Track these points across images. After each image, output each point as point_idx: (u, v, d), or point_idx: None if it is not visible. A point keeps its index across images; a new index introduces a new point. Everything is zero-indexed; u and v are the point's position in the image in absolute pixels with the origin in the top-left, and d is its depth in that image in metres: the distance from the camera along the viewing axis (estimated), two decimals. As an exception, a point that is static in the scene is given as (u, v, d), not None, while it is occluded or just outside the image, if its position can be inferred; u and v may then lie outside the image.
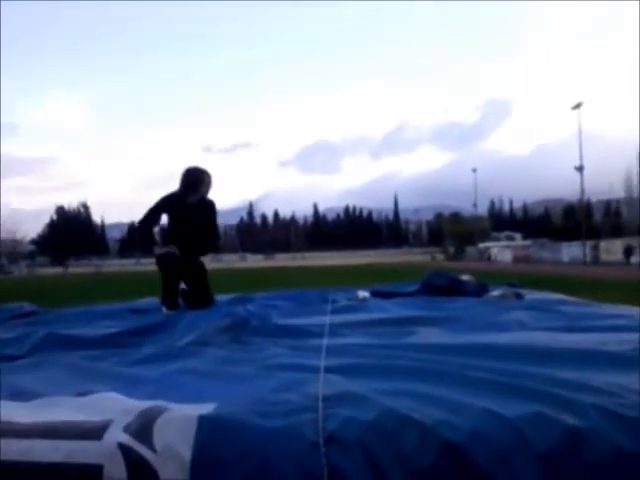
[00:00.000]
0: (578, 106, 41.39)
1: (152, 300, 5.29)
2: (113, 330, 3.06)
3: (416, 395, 1.60)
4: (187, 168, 5.22)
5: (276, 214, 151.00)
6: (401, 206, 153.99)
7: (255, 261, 74.16)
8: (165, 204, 5.16)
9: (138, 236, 5.26)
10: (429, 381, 1.78)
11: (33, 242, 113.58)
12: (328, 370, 1.92)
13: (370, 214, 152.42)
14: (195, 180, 5.15)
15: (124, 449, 1.29)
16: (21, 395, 1.70)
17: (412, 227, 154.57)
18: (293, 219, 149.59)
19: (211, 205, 5.32)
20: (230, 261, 76.97)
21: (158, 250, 4.97)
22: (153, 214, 5.13)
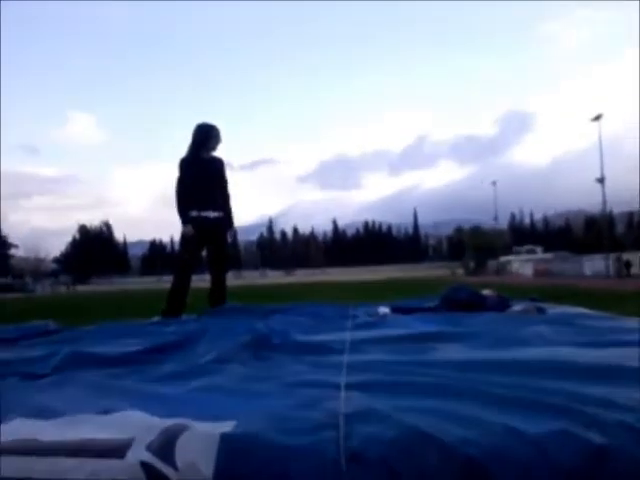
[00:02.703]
0: (598, 117, 41.11)
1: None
2: (135, 348, 3.08)
3: (438, 412, 1.59)
4: (197, 124, 5.46)
5: (295, 230, 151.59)
6: (421, 220, 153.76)
7: (275, 277, 74.30)
8: (182, 167, 5.42)
9: (180, 218, 5.47)
10: (451, 398, 1.76)
11: (56, 260, 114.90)
12: (349, 387, 1.92)
13: (390, 229, 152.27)
14: (204, 135, 5.41)
15: (146, 467, 1.30)
16: (45, 413, 1.72)
17: (432, 241, 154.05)
18: (312, 235, 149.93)
19: (220, 161, 5.63)
20: (251, 277, 77.16)
21: (184, 230, 5.34)
22: (180, 188, 5.40)
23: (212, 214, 5.42)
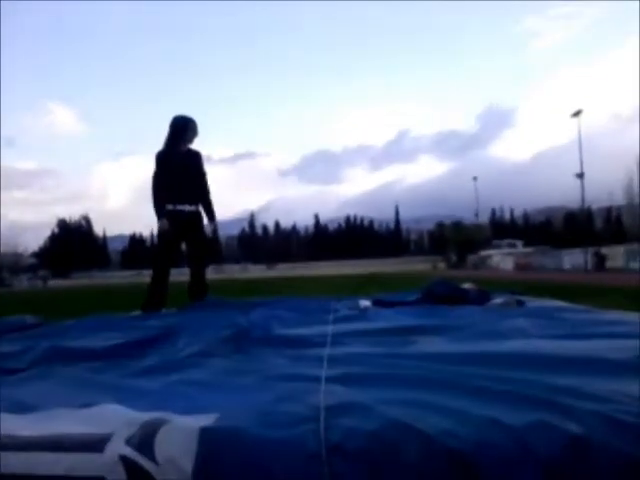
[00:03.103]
0: (578, 113, 41.52)
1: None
2: (114, 342, 3.05)
3: (419, 404, 1.59)
4: (173, 117, 5.39)
5: (277, 224, 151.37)
6: (402, 215, 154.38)
7: (257, 271, 74.17)
8: (158, 161, 5.32)
9: (156, 212, 5.37)
10: (432, 390, 1.77)
11: (34, 255, 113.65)
12: (330, 380, 1.92)
13: (371, 224, 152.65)
14: (180, 127, 5.33)
15: (126, 461, 1.28)
16: (22, 408, 1.70)
17: (413, 236, 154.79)
18: (294, 229, 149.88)
19: (197, 154, 5.53)
20: (232, 271, 76.95)
21: (159, 224, 5.28)
22: (156, 182, 5.32)
23: (187, 208, 5.37)
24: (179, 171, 5.28)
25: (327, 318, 3.93)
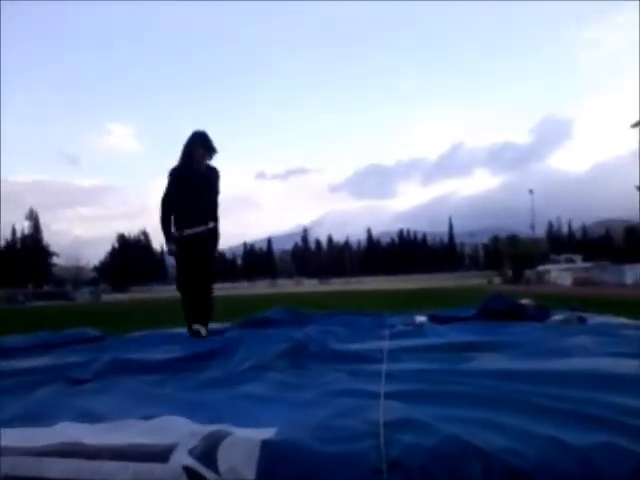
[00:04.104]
0: (638, 124, 40.22)
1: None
2: (174, 355, 3.12)
3: (478, 422, 1.58)
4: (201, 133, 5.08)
5: (330, 239, 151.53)
6: (456, 229, 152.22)
7: (310, 286, 74.41)
8: (171, 178, 5.02)
9: (163, 235, 5.08)
10: (491, 408, 1.74)
11: (95, 269, 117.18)
12: (388, 396, 1.91)
13: (424, 238, 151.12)
14: (193, 143, 4.99)
15: (189, 472, 1.31)
16: (89, 417, 1.76)
17: (468, 250, 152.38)
18: (347, 244, 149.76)
19: (213, 171, 5.12)
20: (285, 286, 77.43)
21: (168, 249, 5.03)
22: (164, 201, 5.01)
23: (197, 229, 4.94)
24: (191, 190, 4.93)
25: (383, 333, 3.92)
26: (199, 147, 4.99)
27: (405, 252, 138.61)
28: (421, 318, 4.88)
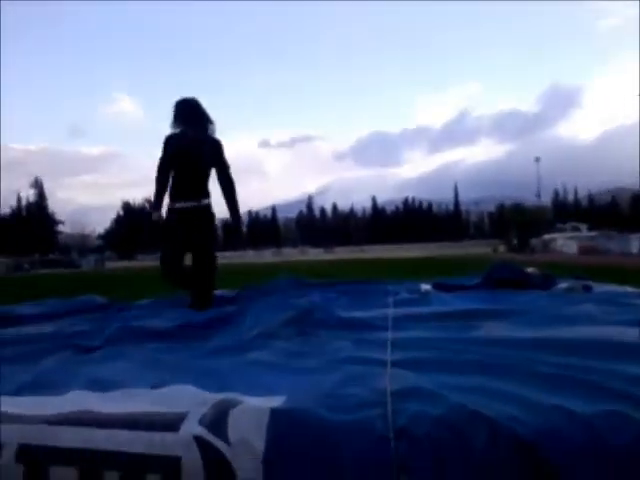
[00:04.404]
0: (647, 91, 39.61)
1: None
2: (181, 322, 3.14)
3: (484, 390, 1.59)
4: (176, 101, 4.68)
5: (335, 207, 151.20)
6: (461, 197, 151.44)
7: (315, 254, 74.44)
8: (165, 145, 4.64)
9: (154, 202, 4.76)
10: (497, 376, 1.76)
11: (101, 237, 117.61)
12: (394, 364, 1.93)
13: (430, 206, 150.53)
14: (186, 109, 4.62)
15: (200, 441, 1.33)
16: (99, 386, 1.78)
17: (473, 219, 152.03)
18: (352, 212, 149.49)
19: (214, 140, 4.68)
20: (290, 254, 77.64)
21: (153, 216, 4.67)
22: (160, 170, 4.65)
23: (191, 204, 4.54)
24: (186, 162, 4.57)
25: (387, 301, 3.93)
26: (193, 116, 4.66)
27: (410, 220, 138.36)
28: (426, 286, 4.88)
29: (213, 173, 4.74)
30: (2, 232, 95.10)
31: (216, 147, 4.68)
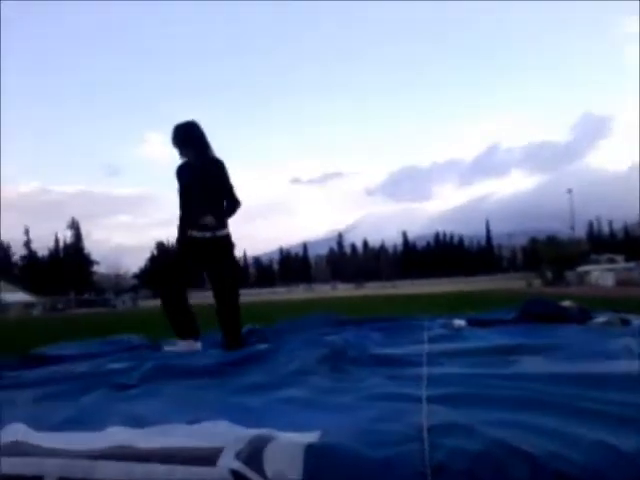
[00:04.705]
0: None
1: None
2: (215, 360, 3.17)
3: (523, 426, 1.57)
4: (175, 126, 4.48)
5: (365, 243, 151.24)
6: (493, 231, 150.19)
7: (346, 290, 74.34)
8: (177, 176, 4.48)
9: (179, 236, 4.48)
10: (536, 412, 1.73)
11: (135, 276, 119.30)
12: (430, 400, 1.91)
13: (461, 240, 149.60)
14: (187, 134, 4.43)
15: (237, 475, 1.34)
16: (136, 422, 1.81)
17: (505, 252, 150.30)
18: (382, 247, 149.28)
19: (217, 162, 4.47)
20: (321, 290, 77.56)
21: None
22: (180, 202, 4.46)
23: (207, 234, 4.30)
24: (194, 188, 4.38)
25: (421, 337, 3.90)
26: (195, 139, 4.48)
27: (441, 255, 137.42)
28: (460, 322, 4.83)
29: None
30: (40, 272, 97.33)
31: (220, 168, 4.49)
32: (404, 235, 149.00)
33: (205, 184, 4.38)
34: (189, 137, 4.47)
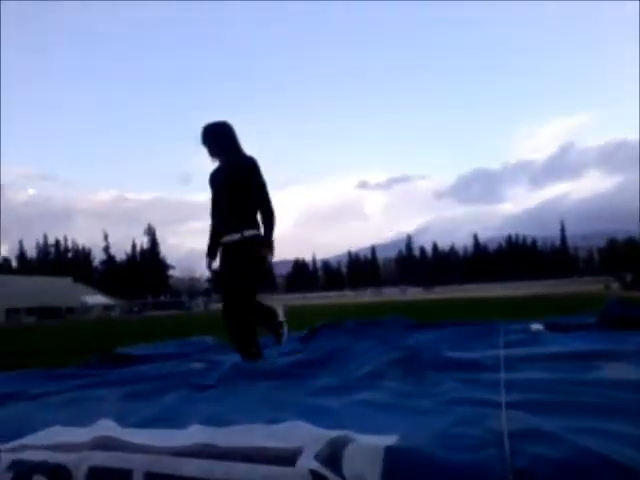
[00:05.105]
0: None
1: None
2: (290, 361, 3.21)
3: (609, 434, 1.51)
4: (204, 126, 4.23)
5: (435, 246, 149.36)
6: (568, 233, 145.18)
7: (415, 294, 73.60)
8: (210, 184, 4.26)
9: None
10: (622, 420, 1.66)
11: (208, 280, 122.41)
12: (508, 405, 1.87)
13: (534, 242, 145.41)
14: (214, 134, 4.17)
15: (316, 476, 1.35)
16: (216, 421, 1.85)
17: (582, 254, 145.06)
18: (452, 250, 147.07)
19: (247, 160, 4.13)
20: (390, 294, 77.10)
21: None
22: (211, 210, 4.26)
23: (234, 237, 4.02)
24: (220, 192, 4.14)
25: (496, 341, 3.82)
26: (223, 140, 4.21)
27: (514, 258, 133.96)
28: (537, 326, 4.70)
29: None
30: (118, 276, 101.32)
31: (249, 167, 4.12)
32: (475, 238, 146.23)
33: (233, 186, 4.05)
34: (219, 138, 4.21)
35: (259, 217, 4.06)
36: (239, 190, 4.03)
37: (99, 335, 13.88)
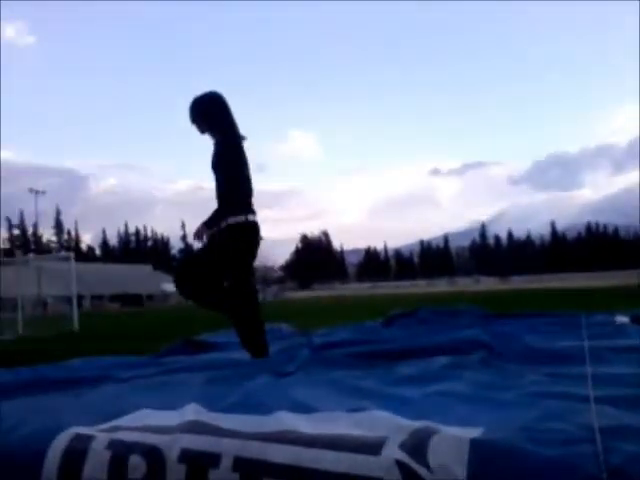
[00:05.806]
0: None
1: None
2: (367, 349, 3.22)
3: None
4: (192, 100, 3.75)
5: (510, 234, 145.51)
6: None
7: (490, 283, 71.94)
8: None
9: None
10: None
11: (282, 268, 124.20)
12: (597, 400, 1.81)
13: (616, 231, 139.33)
14: (204, 109, 3.72)
15: (401, 466, 1.35)
16: (300, 408, 1.89)
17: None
18: (529, 239, 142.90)
19: (222, 140, 3.70)
20: (464, 284, 75.81)
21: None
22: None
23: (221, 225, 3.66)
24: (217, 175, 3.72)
25: (579, 333, 3.70)
26: (213, 115, 3.75)
27: (594, 247, 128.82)
28: (622, 318, 4.51)
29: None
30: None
31: (217, 147, 3.71)
32: (552, 226, 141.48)
33: (214, 170, 3.69)
34: (208, 113, 3.72)
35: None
36: (217, 175, 3.69)
37: (178, 322, 14.37)
